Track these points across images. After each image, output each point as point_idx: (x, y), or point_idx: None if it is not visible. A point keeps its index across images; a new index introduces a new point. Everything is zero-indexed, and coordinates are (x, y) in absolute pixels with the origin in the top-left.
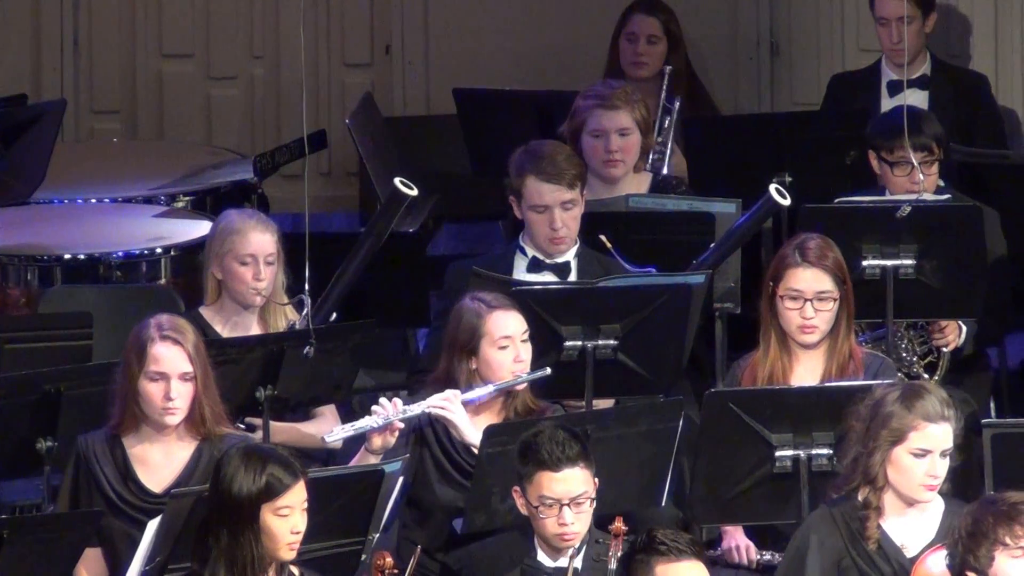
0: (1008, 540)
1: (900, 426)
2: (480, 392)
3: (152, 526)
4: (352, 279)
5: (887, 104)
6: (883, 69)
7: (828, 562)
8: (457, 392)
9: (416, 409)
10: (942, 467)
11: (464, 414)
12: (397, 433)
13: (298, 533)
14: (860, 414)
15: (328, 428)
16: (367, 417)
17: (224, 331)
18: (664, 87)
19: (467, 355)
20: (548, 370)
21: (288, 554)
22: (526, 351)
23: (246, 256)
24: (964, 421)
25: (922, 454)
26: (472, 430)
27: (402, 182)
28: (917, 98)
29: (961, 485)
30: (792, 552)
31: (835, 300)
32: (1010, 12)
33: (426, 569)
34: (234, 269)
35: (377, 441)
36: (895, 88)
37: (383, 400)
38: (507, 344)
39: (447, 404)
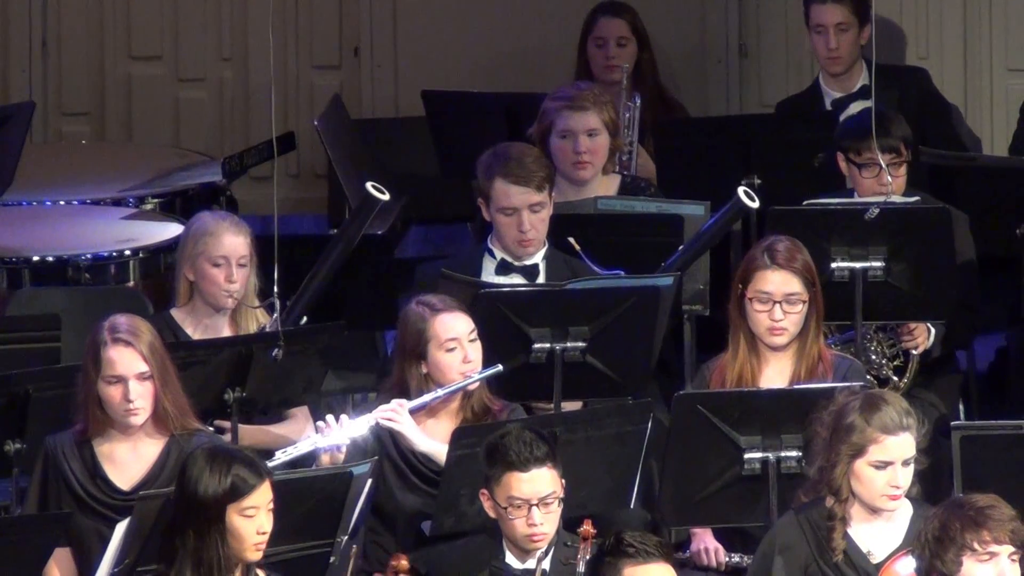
0: (976, 545)
1: (859, 440)
2: (427, 398)
3: (121, 527)
4: (323, 283)
5: None
6: (823, 89)
7: (794, 569)
8: (404, 401)
9: (362, 424)
10: (904, 476)
11: (412, 423)
12: (345, 450)
13: (264, 533)
14: (824, 421)
15: (300, 429)
16: (312, 436)
17: (195, 333)
18: (623, 85)
19: (416, 360)
20: (499, 367)
21: (254, 555)
22: (475, 351)
23: (219, 258)
24: (932, 424)
25: (882, 466)
26: (422, 438)
27: (374, 186)
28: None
29: (930, 488)
30: (759, 558)
31: (804, 302)
32: (978, 19)
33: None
34: (206, 271)
35: (325, 459)
36: (840, 105)
37: (329, 418)
38: (454, 346)
39: (394, 415)
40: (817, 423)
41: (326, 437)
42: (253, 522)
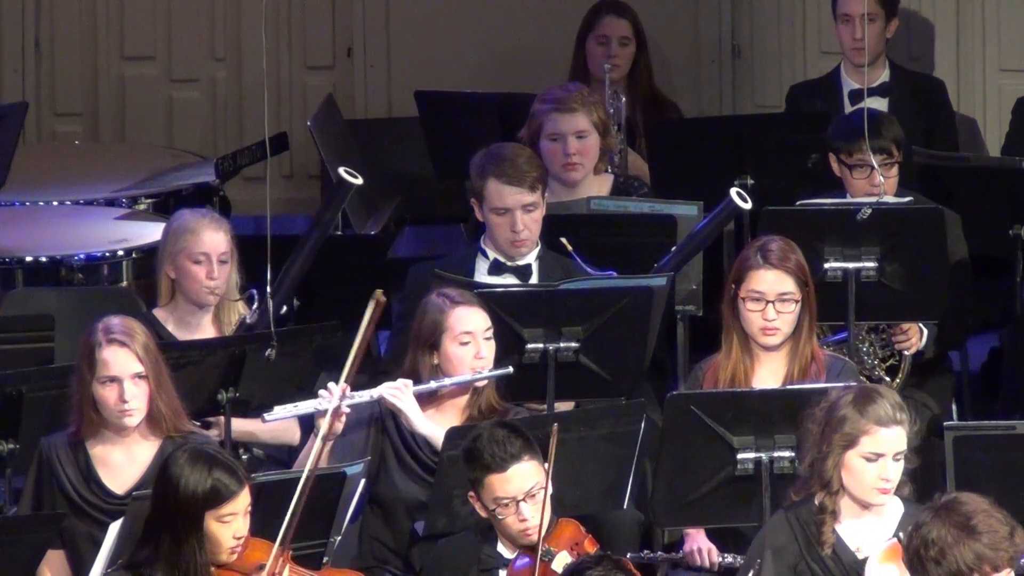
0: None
1: (852, 430)
2: (433, 385)
3: (114, 528)
4: (300, 272)
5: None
6: (843, 77)
7: (784, 567)
8: (409, 382)
9: (364, 396)
10: (895, 470)
11: (414, 403)
12: (344, 419)
13: (240, 538)
14: (816, 417)
15: (288, 430)
16: (312, 400)
17: (177, 331)
18: (606, 86)
19: (429, 350)
20: (510, 368)
21: (229, 558)
22: (488, 348)
23: (199, 255)
24: (924, 424)
25: (874, 458)
26: (422, 419)
27: (347, 171)
28: (878, 106)
29: (922, 489)
30: (751, 557)
31: (797, 302)
32: (971, 18)
33: (390, 566)
34: (188, 268)
35: (324, 426)
36: (856, 97)
37: (330, 384)
38: (468, 340)
39: (397, 393)
40: (809, 419)
41: (328, 402)
42: (230, 528)
